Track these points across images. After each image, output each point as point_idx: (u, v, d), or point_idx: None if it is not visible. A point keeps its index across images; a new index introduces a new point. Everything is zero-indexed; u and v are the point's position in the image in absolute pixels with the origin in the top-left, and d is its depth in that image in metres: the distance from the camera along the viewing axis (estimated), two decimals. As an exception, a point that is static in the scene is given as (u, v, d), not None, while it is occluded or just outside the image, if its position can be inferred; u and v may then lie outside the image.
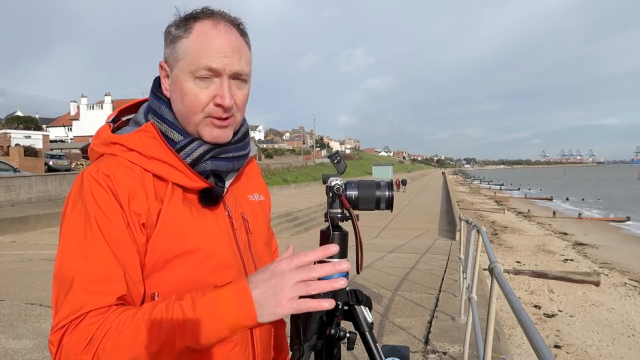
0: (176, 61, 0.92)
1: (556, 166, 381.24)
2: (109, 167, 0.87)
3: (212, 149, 0.95)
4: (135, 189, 0.86)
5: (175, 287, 0.88)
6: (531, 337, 1.20)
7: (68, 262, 0.81)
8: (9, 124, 50.06)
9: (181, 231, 0.89)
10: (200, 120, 0.93)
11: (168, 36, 0.94)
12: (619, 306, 9.49)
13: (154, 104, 0.97)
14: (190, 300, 0.78)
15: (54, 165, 25.89)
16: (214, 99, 0.91)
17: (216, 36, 0.90)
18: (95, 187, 0.84)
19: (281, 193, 32.80)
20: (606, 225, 25.77)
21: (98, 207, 0.83)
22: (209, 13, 0.93)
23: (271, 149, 79.16)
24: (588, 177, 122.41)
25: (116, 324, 0.76)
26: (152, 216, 0.87)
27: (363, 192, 1.09)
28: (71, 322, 0.76)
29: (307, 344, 1.01)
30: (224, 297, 0.78)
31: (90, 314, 0.77)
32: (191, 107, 0.91)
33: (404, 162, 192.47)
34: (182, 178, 0.91)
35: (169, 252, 0.88)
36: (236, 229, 1.00)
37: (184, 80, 0.91)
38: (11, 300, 5.40)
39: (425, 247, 12.22)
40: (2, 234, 12.81)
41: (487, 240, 3.55)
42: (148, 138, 0.90)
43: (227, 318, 0.77)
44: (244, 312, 0.77)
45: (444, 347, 3.98)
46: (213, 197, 0.95)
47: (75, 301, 0.77)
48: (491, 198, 45.82)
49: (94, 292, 0.79)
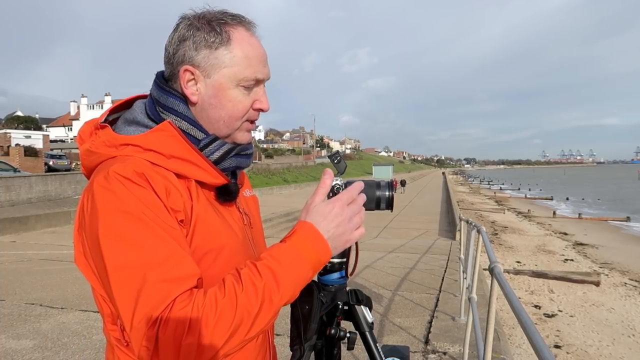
0: (218, 68, 0.91)
1: (556, 166, 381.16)
2: (138, 165, 0.83)
3: (234, 147, 0.98)
4: (169, 186, 0.85)
5: (207, 284, 0.85)
6: (531, 337, 1.20)
7: (128, 261, 0.76)
8: (9, 124, 50.05)
9: (212, 227, 0.91)
10: (240, 125, 0.96)
11: (198, 41, 0.91)
12: (619, 306, 9.49)
13: (168, 102, 0.94)
14: (271, 257, 0.82)
15: (54, 165, 25.88)
16: (253, 104, 0.96)
17: (256, 45, 0.95)
18: (130, 185, 0.80)
19: (281, 193, 32.80)
20: (606, 225, 25.77)
21: (142, 204, 0.79)
22: (238, 19, 0.94)
23: (271, 149, 79.15)
24: (588, 177, 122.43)
25: (209, 299, 0.75)
26: (187, 213, 0.87)
27: (363, 192, 1.09)
28: (161, 315, 0.73)
29: (307, 344, 1.01)
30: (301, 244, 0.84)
31: (176, 301, 0.74)
32: (236, 112, 0.94)
33: (404, 162, 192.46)
34: (204, 175, 0.92)
35: (201, 249, 0.88)
36: (246, 224, 1.04)
37: (228, 88, 0.93)
38: (11, 300, 5.40)
39: (426, 247, 12.22)
40: (2, 234, 12.81)
41: (487, 240, 3.55)
42: (166, 137, 0.89)
43: (309, 259, 0.84)
44: (321, 249, 0.86)
45: (444, 347, 3.98)
46: (231, 193, 0.98)
47: (157, 293, 0.74)
48: (491, 198, 45.82)
49: (173, 279, 0.76)
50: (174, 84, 0.95)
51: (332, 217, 0.87)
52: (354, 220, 0.90)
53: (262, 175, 37.40)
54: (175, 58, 0.92)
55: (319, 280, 1.10)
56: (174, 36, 0.93)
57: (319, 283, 1.09)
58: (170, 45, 0.93)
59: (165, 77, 0.96)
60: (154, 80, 0.97)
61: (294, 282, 0.82)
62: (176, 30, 0.93)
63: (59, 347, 3.90)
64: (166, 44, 0.94)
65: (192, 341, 0.72)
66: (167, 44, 0.94)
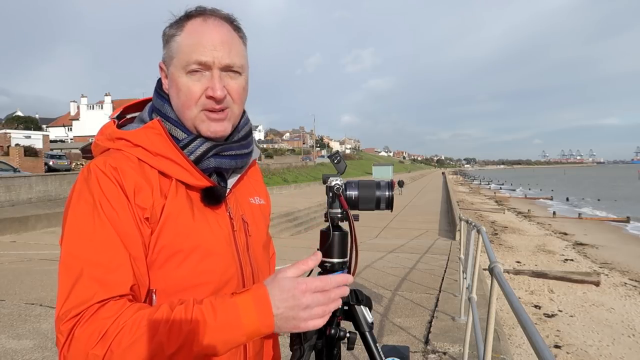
0: (171, 59, 0.95)
1: (556, 166, 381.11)
2: (116, 160, 0.88)
3: (214, 147, 0.96)
4: (141, 183, 0.88)
5: (174, 285, 0.89)
6: (531, 337, 1.20)
7: (76, 250, 0.81)
8: (9, 124, 50.04)
9: (183, 228, 0.90)
10: (196, 114, 0.95)
11: (164, 37, 0.97)
12: (619, 306, 9.49)
13: (157, 103, 1.00)
14: (211, 306, 0.78)
15: (54, 165, 25.88)
16: (205, 91, 0.93)
17: (205, 31, 0.93)
18: (102, 178, 0.86)
19: (281, 193, 32.80)
20: (606, 225, 25.77)
21: (105, 198, 0.84)
22: (200, 11, 0.95)
23: (271, 149, 79.19)
24: (588, 177, 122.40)
25: (132, 320, 0.75)
26: (156, 211, 0.88)
27: (363, 192, 1.09)
28: (83, 313, 0.76)
29: (307, 344, 1.01)
30: (246, 306, 0.79)
31: (105, 306, 0.77)
32: (186, 101, 0.94)
33: (403, 162, 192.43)
34: (187, 176, 0.92)
35: (169, 249, 0.89)
36: (236, 230, 1.01)
37: (178, 76, 0.94)
38: (11, 300, 5.40)
39: (426, 247, 12.22)
40: (2, 234, 12.81)
41: (487, 240, 3.55)
42: (154, 134, 0.92)
43: (247, 326, 0.78)
44: (264, 323, 0.79)
45: (444, 347, 3.98)
46: (215, 197, 0.96)
47: (85, 290, 0.77)
48: (491, 198, 45.81)
49: (105, 282, 0.79)
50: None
51: (287, 297, 0.80)
52: (313, 311, 0.82)
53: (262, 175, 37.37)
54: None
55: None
56: None
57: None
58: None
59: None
60: (156, 85, 1.03)
61: (221, 341, 0.78)
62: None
63: (59, 347, 3.90)
64: None
65: (99, 353, 0.73)
66: None
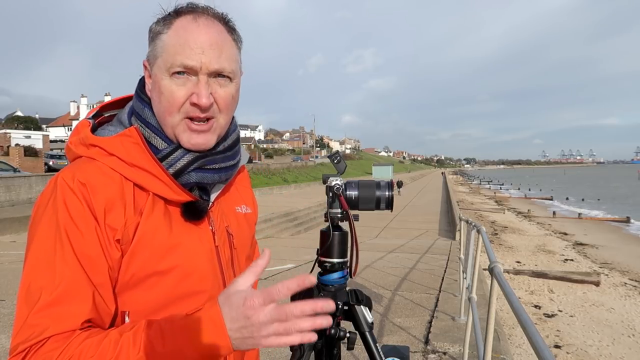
0: (155, 59, 0.86)
1: (556, 166, 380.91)
2: (85, 174, 0.80)
3: (197, 159, 0.88)
4: (113, 201, 0.80)
5: (149, 306, 0.84)
6: (531, 337, 1.20)
7: (35, 278, 0.75)
8: (9, 124, 50.05)
9: (159, 248, 0.83)
10: (178, 122, 0.86)
11: (150, 34, 0.89)
12: (619, 306, 9.49)
13: (137, 106, 0.91)
14: (160, 332, 0.72)
15: (54, 165, 25.86)
16: (190, 97, 0.84)
17: (194, 30, 0.84)
18: (69, 196, 0.78)
19: (281, 193, 32.79)
20: (606, 225, 25.75)
21: (70, 219, 0.77)
22: (191, 7, 0.87)
23: (271, 149, 79.21)
24: (588, 177, 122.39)
25: (79, 351, 0.70)
26: (128, 231, 0.81)
27: (363, 192, 1.09)
28: (31, 347, 0.71)
29: (307, 344, 1.01)
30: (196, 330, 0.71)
31: (51, 339, 0.71)
32: (167, 106, 0.85)
33: (403, 162, 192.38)
34: (165, 190, 0.84)
35: (143, 270, 0.82)
36: (218, 245, 0.94)
37: (161, 78, 0.85)
38: (11, 301, 5.40)
39: (425, 247, 12.21)
40: (2, 234, 12.81)
41: (487, 240, 3.55)
42: (130, 143, 0.84)
43: (200, 347, 0.71)
44: (218, 344, 0.71)
45: (444, 347, 3.98)
46: (197, 212, 0.89)
47: (37, 324, 0.72)
48: (491, 198, 45.80)
49: (58, 316, 0.73)
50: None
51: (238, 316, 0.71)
52: (271, 328, 0.71)
53: (262, 175, 37.38)
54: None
55: (319, 280, 1.09)
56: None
57: (319, 283, 1.09)
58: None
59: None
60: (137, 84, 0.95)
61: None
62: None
63: (58, 347, 3.90)
64: None
65: None
66: None
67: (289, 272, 6.03)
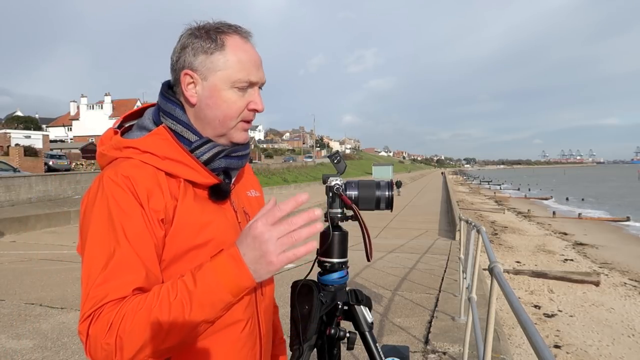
0: (214, 72, 1.00)
1: (556, 166, 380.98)
2: (126, 169, 0.94)
3: (225, 149, 1.04)
4: (152, 188, 0.94)
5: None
6: (531, 337, 1.20)
7: (94, 260, 0.89)
8: (9, 124, 50.03)
9: (196, 225, 0.97)
10: (235, 124, 1.03)
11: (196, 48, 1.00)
12: (619, 306, 9.50)
13: (167, 107, 1.04)
14: (191, 275, 0.86)
15: (53, 165, 25.89)
16: (248, 105, 1.03)
17: (249, 51, 1.03)
18: (115, 189, 0.91)
19: (281, 193, 32.80)
20: (606, 225, 25.77)
21: (119, 207, 0.90)
22: (235, 28, 1.03)
23: (271, 149, 79.22)
24: (588, 177, 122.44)
25: (131, 308, 0.84)
26: (169, 213, 0.94)
27: (363, 192, 1.09)
28: (94, 312, 0.84)
29: (307, 344, 1.01)
30: (219, 265, 0.86)
31: (109, 304, 0.85)
32: (230, 112, 1.01)
33: (403, 162, 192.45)
34: (195, 175, 0.99)
35: (185, 245, 0.95)
36: (240, 221, 1.07)
37: (223, 89, 1.00)
38: (11, 300, 5.40)
39: (425, 247, 12.22)
40: (2, 234, 12.81)
41: (487, 240, 3.55)
42: (160, 140, 0.98)
43: (226, 283, 0.85)
44: (240, 274, 0.86)
45: (444, 347, 3.98)
46: (222, 193, 1.03)
47: (96, 295, 0.85)
48: (491, 198, 45.82)
49: (113, 287, 0.86)
50: (176, 90, 1.05)
51: (247, 241, 0.87)
52: (280, 242, 0.85)
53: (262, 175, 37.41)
54: (178, 65, 1.02)
55: (319, 280, 1.10)
56: (177, 46, 1.03)
57: (319, 283, 1.09)
58: (174, 54, 1.03)
59: (170, 85, 1.07)
60: (160, 89, 1.08)
61: (209, 303, 0.85)
62: (179, 41, 1.03)
63: (58, 347, 3.91)
64: (171, 54, 1.04)
65: (110, 342, 0.82)
66: (171, 54, 1.04)
67: (289, 272, 6.03)
